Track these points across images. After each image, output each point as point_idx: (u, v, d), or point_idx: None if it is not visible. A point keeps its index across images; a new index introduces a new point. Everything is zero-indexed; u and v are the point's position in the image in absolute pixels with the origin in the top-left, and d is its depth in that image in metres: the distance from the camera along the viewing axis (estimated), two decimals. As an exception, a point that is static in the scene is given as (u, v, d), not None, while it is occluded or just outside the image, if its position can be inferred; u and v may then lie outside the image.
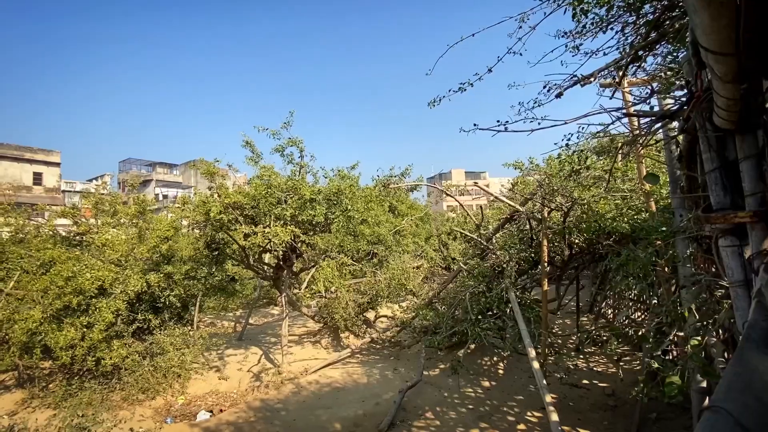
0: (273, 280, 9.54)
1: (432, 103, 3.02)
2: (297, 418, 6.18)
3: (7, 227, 9.81)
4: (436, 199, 19.93)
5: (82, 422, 3.96)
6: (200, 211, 7.74)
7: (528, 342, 5.54)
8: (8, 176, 31.20)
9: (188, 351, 8.11)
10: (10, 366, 7.29)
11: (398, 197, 15.78)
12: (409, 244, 13.43)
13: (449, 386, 6.92)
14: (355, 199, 8.46)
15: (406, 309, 10.25)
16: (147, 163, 45.30)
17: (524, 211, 7.59)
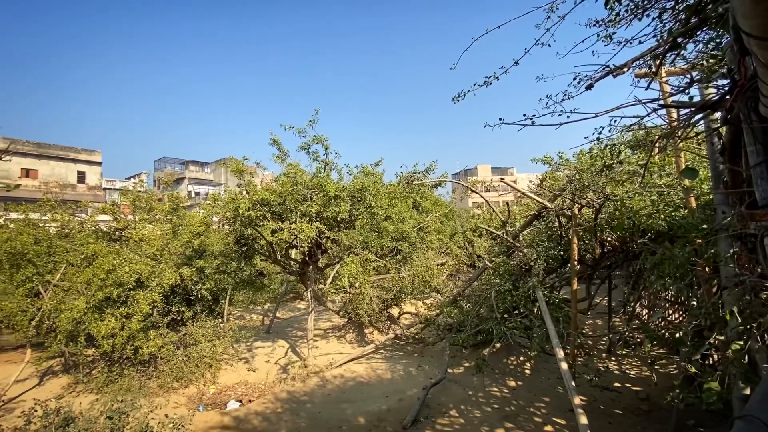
0: (299, 275, 9.73)
1: (456, 98, 2.97)
2: (322, 410, 6.30)
3: (54, 223, 10.50)
4: (461, 196, 19.69)
5: (121, 407, 4.19)
6: (230, 208, 7.99)
7: (556, 342, 5.39)
8: (55, 175, 33.30)
9: (219, 342, 8.43)
10: (58, 353, 7.82)
11: (422, 194, 15.67)
12: (434, 241, 13.32)
13: (474, 385, 6.85)
14: (378, 196, 8.48)
15: (430, 306, 10.21)
16: (180, 161, 47.13)
17: (553, 207, 7.37)
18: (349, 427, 5.67)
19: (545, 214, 8.29)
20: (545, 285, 7.22)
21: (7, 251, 9.03)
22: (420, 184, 13.92)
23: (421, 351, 9.23)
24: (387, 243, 10.92)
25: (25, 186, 30.82)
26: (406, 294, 10.18)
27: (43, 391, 7.50)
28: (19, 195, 28.18)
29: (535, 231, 8.71)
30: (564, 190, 6.93)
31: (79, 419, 3.95)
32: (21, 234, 9.47)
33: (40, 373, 8.25)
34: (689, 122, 2.72)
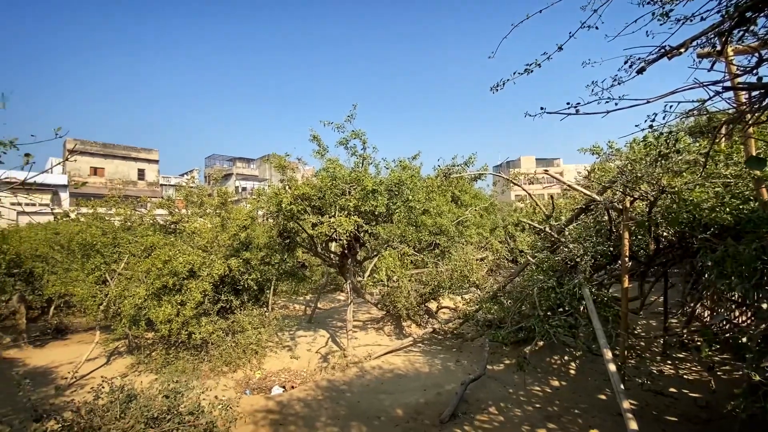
0: (339, 267, 9.95)
1: (495, 87, 2.87)
2: (361, 400, 6.44)
3: (118, 216, 11.47)
4: (502, 189, 19.10)
5: (177, 387, 4.53)
6: (273, 202, 8.30)
7: (603, 342, 5.12)
8: (119, 173, 36.27)
9: (264, 330, 8.85)
10: (122, 335, 8.58)
11: (461, 187, 15.39)
12: (473, 235, 13.08)
13: (514, 383, 6.68)
14: (416, 190, 8.44)
15: (469, 301, 10.05)
16: (228, 158, 49.60)
17: (602, 200, 6.95)
18: (387, 418, 5.76)
19: (593, 208, 7.84)
20: (592, 282, 6.86)
21: (79, 242, 10.02)
22: (458, 177, 13.68)
23: (459, 346, 9.14)
24: (425, 237, 10.88)
25: (93, 183, 33.87)
26: (444, 289, 10.10)
27: (110, 369, 8.28)
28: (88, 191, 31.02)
29: (581, 225, 8.28)
30: (614, 181, 6.49)
31: (140, 396, 4.33)
32: (90, 227, 10.46)
33: (107, 353, 9.12)
34: (761, 106, 2.44)
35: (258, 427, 5.56)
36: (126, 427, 3.95)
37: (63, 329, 11.50)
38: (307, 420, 5.79)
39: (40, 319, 12.14)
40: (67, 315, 12.04)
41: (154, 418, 4.10)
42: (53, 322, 11.47)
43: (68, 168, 33.45)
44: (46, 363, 8.82)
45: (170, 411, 4.22)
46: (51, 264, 10.56)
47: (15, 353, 9.55)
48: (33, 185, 2.80)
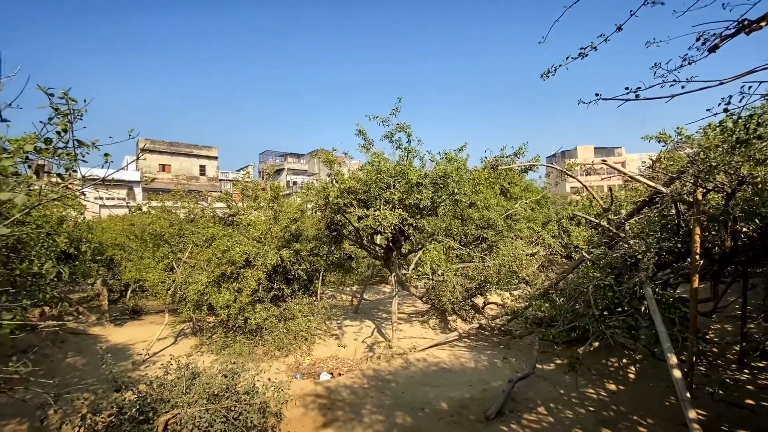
0: (384, 260, 10.06)
1: (545, 74, 2.72)
2: (405, 391, 6.51)
3: (183, 209, 12.45)
4: (555, 180, 18.07)
5: (234, 368, 4.89)
6: (321, 196, 8.57)
7: (668, 347, 4.72)
8: (183, 169, 39.24)
9: (313, 318, 9.23)
10: (187, 318, 9.37)
11: (511, 179, 14.82)
12: (523, 230, 12.56)
13: (566, 383, 6.40)
14: (462, 182, 8.27)
15: (518, 298, 9.72)
16: (280, 154, 51.78)
17: (669, 192, 6.36)
18: (432, 410, 5.78)
19: (658, 201, 7.21)
20: (656, 281, 6.33)
21: (151, 233, 11.04)
22: (507, 169, 13.18)
23: (507, 343, 8.90)
24: (471, 231, 10.65)
25: (161, 179, 36.97)
26: (491, 284, 9.84)
27: (177, 348, 9.09)
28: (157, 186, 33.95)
29: (644, 220, 7.65)
30: (684, 171, 5.91)
31: (203, 375, 4.73)
32: (160, 219, 11.48)
33: (175, 334, 10.01)
34: None
35: (308, 411, 5.84)
36: (191, 401, 4.33)
37: (138, 311, 12.82)
38: (353, 407, 5.98)
39: (119, 301, 13.60)
40: (141, 298, 13.38)
41: (215, 394, 4.46)
42: (130, 304, 12.81)
43: (140, 165, 36.85)
44: (124, 340, 9.89)
45: (228, 389, 4.56)
46: (127, 252, 11.75)
47: (99, 330, 10.81)
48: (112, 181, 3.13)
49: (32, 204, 2.24)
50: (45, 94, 2.25)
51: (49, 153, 2.39)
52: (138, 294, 13.25)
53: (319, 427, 5.45)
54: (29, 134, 2.57)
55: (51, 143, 2.37)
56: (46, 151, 2.37)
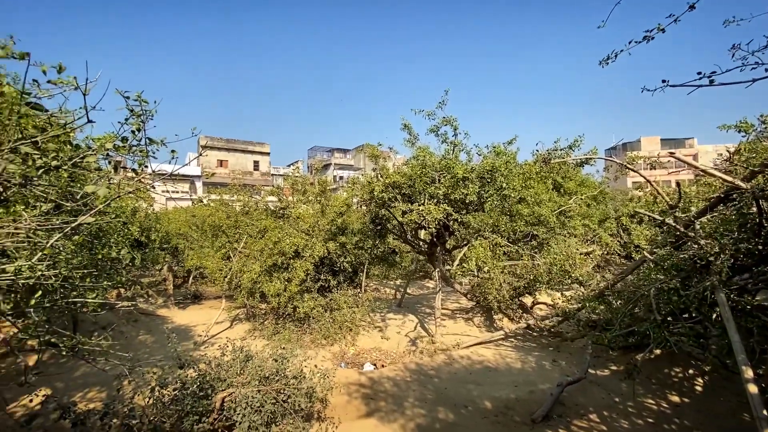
0: (428, 255, 10.02)
1: (605, 60, 2.53)
2: (448, 387, 6.48)
3: (239, 202, 13.22)
4: (615, 175, 16.84)
5: (283, 353, 5.15)
6: (366, 191, 8.70)
7: (743, 358, 4.26)
8: (239, 164, 41.57)
9: (357, 310, 9.44)
10: (242, 304, 9.99)
11: (565, 173, 14.02)
12: (578, 227, 11.88)
13: (621, 391, 6.01)
14: (511, 177, 7.99)
15: (570, 299, 9.24)
16: (327, 149, 53.09)
17: (749, 187, 5.69)
18: (475, 408, 5.70)
19: (736, 197, 6.47)
20: (731, 286, 5.72)
21: (210, 224, 11.85)
22: (561, 163, 12.49)
23: (557, 345, 8.52)
24: (520, 227, 10.25)
25: (219, 173, 39.45)
26: (541, 283, 9.44)
27: (233, 332, 9.73)
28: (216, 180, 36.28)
29: (719, 218, 6.92)
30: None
31: (255, 358, 5.03)
32: (218, 211, 12.28)
33: (230, 318, 10.72)
34: None
35: (351, 399, 6.01)
36: (244, 381, 4.64)
37: (198, 296, 13.89)
38: (395, 398, 6.06)
39: (183, 286, 14.82)
40: (201, 284, 14.47)
41: (266, 377, 4.73)
42: (192, 289, 13.91)
43: (201, 161, 39.58)
44: (186, 322, 10.76)
45: (278, 373, 4.82)
46: (190, 241, 12.72)
47: (164, 312, 11.86)
48: (177, 176, 3.40)
49: (112, 196, 2.51)
50: (122, 97, 2.51)
51: (125, 150, 2.66)
52: (199, 280, 14.36)
53: (362, 415, 5.60)
54: (109, 133, 2.87)
55: (127, 141, 2.64)
56: (122, 148, 2.64)
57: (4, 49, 3.23)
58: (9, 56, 2.99)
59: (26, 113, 2.56)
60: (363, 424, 5.32)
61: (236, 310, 10.64)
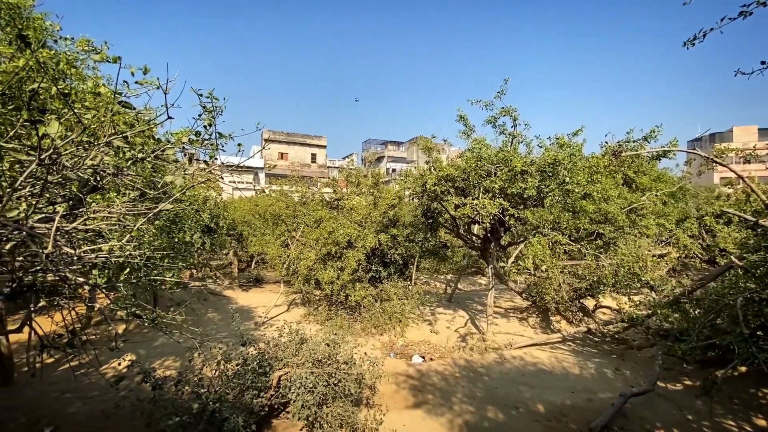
0: (481, 250, 9.77)
1: (690, 41, 2.24)
2: (499, 386, 6.32)
3: (297, 193, 13.85)
4: (699, 169, 15.04)
5: (335, 339, 5.35)
6: (418, 183, 8.65)
7: None
8: (298, 157, 43.41)
9: (407, 302, 9.50)
10: (298, 290, 10.51)
11: (638, 167, 12.82)
12: (651, 226, 10.85)
13: (696, 409, 5.44)
14: (575, 170, 7.48)
15: (639, 304, 8.50)
16: (381, 142, 53.50)
17: None
18: (526, 411, 5.50)
19: None
20: None
21: (271, 213, 12.58)
22: (634, 156, 11.45)
23: (621, 353, 7.92)
24: (584, 225, 9.60)
25: (280, 165, 41.52)
26: (605, 285, 8.78)
27: (290, 315, 10.29)
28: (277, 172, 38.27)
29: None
30: None
31: (309, 341, 5.28)
32: (278, 201, 12.98)
33: (288, 302, 11.34)
34: None
35: (399, 388, 6.09)
36: (299, 362, 4.90)
37: (260, 279, 14.86)
38: (443, 393, 6.04)
39: (246, 270, 15.93)
40: (262, 269, 15.46)
41: (319, 360, 4.96)
42: (254, 273, 14.91)
43: (263, 153, 41.93)
44: (248, 303, 11.58)
45: (330, 357, 5.02)
46: (252, 229, 13.60)
47: (229, 293, 12.85)
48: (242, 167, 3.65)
49: (187, 185, 2.76)
50: (196, 95, 2.73)
51: (198, 143, 2.91)
52: (260, 265, 15.34)
53: (409, 406, 5.66)
54: (184, 128, 3.15)
55: (200, 135, 2.88)
56: (196, 142, 2.89)
57: (99, 53, 3.66)
58: (104, 60, 3.39)
59: (118, 111, 2.89)
60: (410, 415, 5.39)
61: (293, 295, 11.24)
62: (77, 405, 5.29)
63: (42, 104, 2.70)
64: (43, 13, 4.55)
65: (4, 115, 2.52)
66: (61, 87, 2.95)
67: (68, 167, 2.31)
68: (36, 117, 2.00)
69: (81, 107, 2.80)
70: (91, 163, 2.41)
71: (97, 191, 2.70)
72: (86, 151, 2.40)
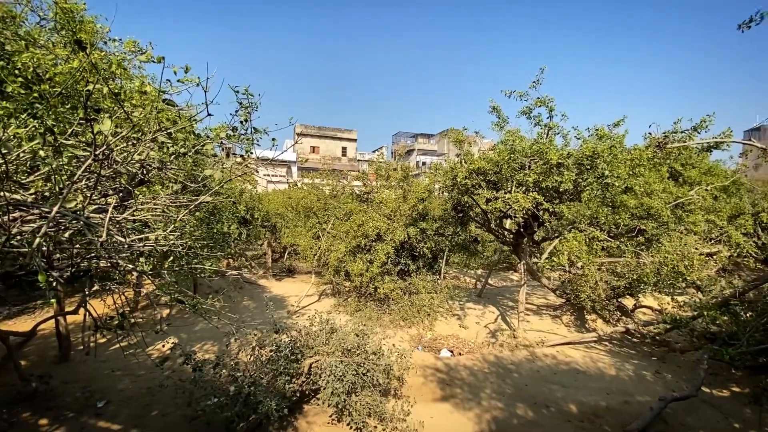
0: (513, 246, 9.55)
1: (745, 24, 2.06)
2: (529, 384, 6.21)
3: (328, 186, 14.08)
4: (755, 162, 13.89)
5: (364, 330, 5.45)
6: (448, 177, 8.55)
7: None
8: (329, 151, 44.00)
9: (436, 296, 9.48)
10: (329, 281, 10.73)
11: (686, 159, 12.02)
12: (699, 223, 10.18)
13: (744, 417, 5.12)
14: (615, 163, 7.12)
15: (684, 305, 8.03)
16: (411, 135, 53.15)
17: None
18: (558, 410, 5.38)
19: None
20: None
21: (303, 206, 12.87)
22: (681, 147, 10.74)
23: (662, 355, 7.55)
24: (624, 220, 9.15)
25: (312, 159, 42.26)
26: (646, 285, 8.35)
27: (321, 305, 10.54)
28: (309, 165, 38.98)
29: None
30: None
31: (339, 331, 5.41)
32: (310, 194, 13.25)
33: (319, 292, 11.61)
34: None
35: (427, 381, 6.12)
36: (329, 351, 5.03)
37: (292, 270, 15.31)
38: (472, 388, 6.01)
39: (279, 260, 16.43)
40: (295, 260, 15.88)
41: (348, 349, 5.07)
42: (286, 264, 15.37)
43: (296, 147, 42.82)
44: (281, 293, 11.96)
45: (359, 347, 5.12)
46: (285, 221, 13.99)
47: (264, 282, 13.32)
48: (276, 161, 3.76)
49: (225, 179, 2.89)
50: (233, 92, 2.85)
51: (235, 138, 3.03)
52: (293, 256, 15.77)
53: (437, 399, 5.68)
54: (222, 124, 3.29)
55: (236, 131, 3.00)
56: (233, 137, 3.01)
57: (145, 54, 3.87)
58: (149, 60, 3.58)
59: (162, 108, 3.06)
60: (438, 408, 5.41)
61: (324, 285, 11.49)
62: (126, 382, 5.71)
63: (96, 103, 2.91)
64: (94, 16, 4.86)
65: (63, 114, 2.73)
66: (112, 86, 3.16)
67: (119, 162, 2.48)
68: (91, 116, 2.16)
69: (129, 105, 2.99)
70: (139, 157, 2.57)
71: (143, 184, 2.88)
72: (134, 146, 2.56)
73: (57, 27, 4.35)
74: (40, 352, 6.64)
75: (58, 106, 2.69)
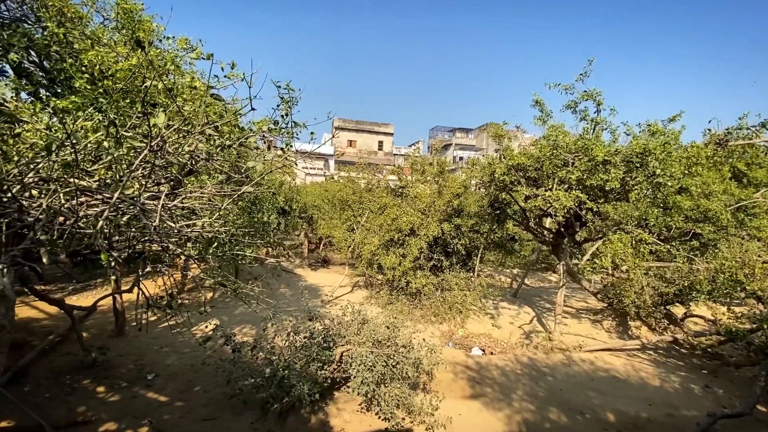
0: (552, 246, 9.21)
1: None
2: (564, 389, 6.01)
3: (363, 180, 14.21)
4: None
5: (395, 322, 5.49)
6: (486, 172, 8.36)
7: None
8: (366, 145, 44.33)
9: (469, 293, 9.36)
10: (362, 273, 10.88)
11: (751, 158, 10.99)
12: (764, 228, 9.32)
13: (808, 443, 4.67)
14: (668, 162, 6.64)
15: (741, 316, 7.40)
16: (449, 129, 52.31)
17: None
18: (594, 418, 5.18)
19: None
20: None
21: (339, 199, 13.10)
22: (746, 145, 9.84)
23: (713, 369, 7.03)
24: (677, 223, 8.55)
25: (348, 153, 42.79)
26: (699, 293, 7.76)
27: (353, 296, 10.73)
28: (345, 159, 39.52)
29: None
30: None
31: (371, 322, 5.49)
32: (346, 187, 13.45)
33: (352, 284, 11.83)
34: None
35: (456, 378, 6.09)
36: (360, 341, 5.13)
37: (327, 260, 15.67)
38: (503, 388, 5.91)
39: (315, 251, 16.87)
40: (329, 251, 16.26)
41: (378, 341, 5.14)
42: (322, 254, 15.76)
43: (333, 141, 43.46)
44: (316, 282, 12.30)
45: (390, 339, 5.18)
46: (322, 213, 14.32)
47: (300, 271, 13.74)
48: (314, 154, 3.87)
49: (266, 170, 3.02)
50: (275, 87, 2.95)
51: (276, 132, 3.15)
52: (328, 247, 16.16)
53: (466, 396, 5.64)
54: (264, 118, 3.42)
55: (278, 124, 3.11)
56: (275, 130, 3.13)
57: (195, 51, 4.09)
58: (199, 57, 3.78)
59: (210, 102, 3.23)
60: (467, 405, 5.37)
61: (357, 277, 11.69)
62: (173, 358, 6.14)
63: (151, 98, 3.12)
64: (151, 15, 5.18)
65: (123, 108, 2.96)
66: (166, 82, 3.37)
67: (170, 153, 2.66)
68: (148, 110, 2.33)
69: (181, 100, 3.18)
70: (189, 149, 2.74)
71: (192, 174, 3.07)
72: (185, 138, 2.73)
73: (118, 27, 4.69)
74: (99, 326, 7.27)
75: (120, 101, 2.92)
